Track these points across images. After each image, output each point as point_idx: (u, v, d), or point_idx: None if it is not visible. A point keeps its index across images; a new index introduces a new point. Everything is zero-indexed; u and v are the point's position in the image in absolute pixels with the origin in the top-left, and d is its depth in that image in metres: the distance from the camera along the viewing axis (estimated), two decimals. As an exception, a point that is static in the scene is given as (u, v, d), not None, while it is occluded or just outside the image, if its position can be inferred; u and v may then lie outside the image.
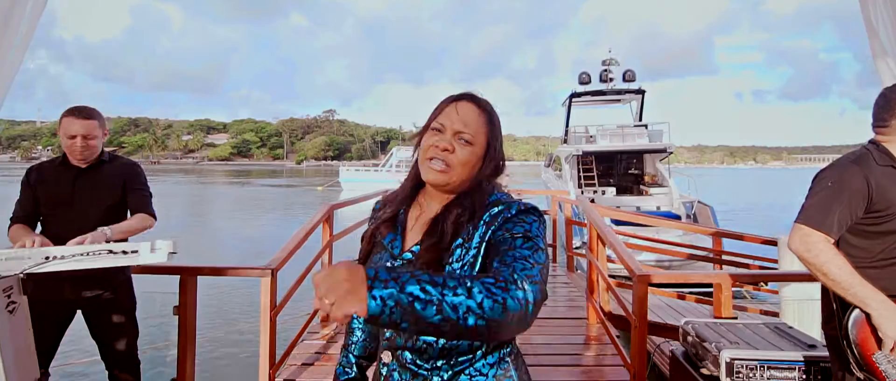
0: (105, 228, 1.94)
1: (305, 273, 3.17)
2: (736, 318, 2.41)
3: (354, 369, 1.10)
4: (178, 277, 2.52)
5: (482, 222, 0.92)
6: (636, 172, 15.88)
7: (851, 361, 1.41)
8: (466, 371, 0.91)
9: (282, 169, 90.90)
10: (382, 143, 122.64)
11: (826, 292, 1.51)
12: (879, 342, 1.37)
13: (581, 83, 17.28)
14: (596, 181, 14.94)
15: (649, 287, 2.49)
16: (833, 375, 1.54)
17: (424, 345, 0.90)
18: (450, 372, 0.90)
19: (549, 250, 5.78)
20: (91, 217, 2.05)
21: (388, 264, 0.96)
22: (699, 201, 11.93)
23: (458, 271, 0.89)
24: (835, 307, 1.46)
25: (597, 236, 3.51)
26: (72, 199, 2.08)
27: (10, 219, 2.07)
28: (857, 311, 1.40)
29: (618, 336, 3.26)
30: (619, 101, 17.96)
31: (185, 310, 2.57)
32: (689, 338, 2.12)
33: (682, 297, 4.69)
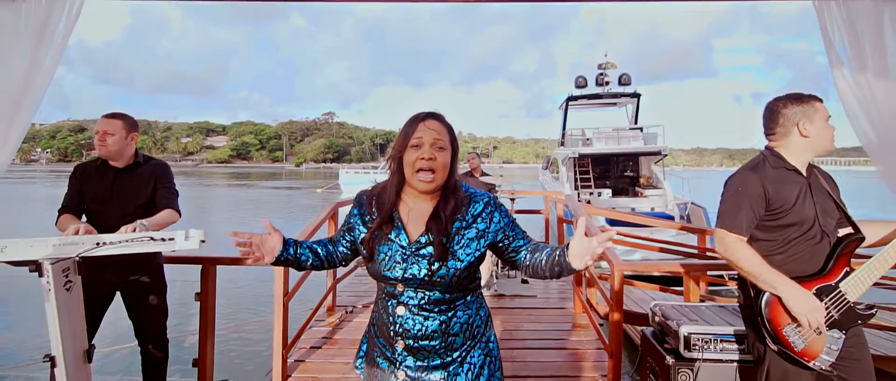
0: (143, 220, 2.21)
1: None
2: (702, 302, 2.68)
3: (295, 248, 1.40)
4: (200, 266, 2.80)
5: (470, 216, 1.29)
6: (632, 174, 16.15)
7: (766, 335, 1.70)
8: (457, 304, 1.31)
9: (281, 171, 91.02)
10: (382, 145, 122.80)
11: (742, 280, 1.79)
12: (787, 318, 1.65)
13: (577, 87, 17.59)
14: (592, 183, 15.22)
15: (647, 284, 2.75)
16: (751, 347, 1.83)
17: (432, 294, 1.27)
18: (448, 309, 1.30)
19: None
20: (128, 212, 2.33)
21: (400, 253, 1.26)
22: (693, 203, 12.19)
23: (462, 255, 1.26)
24: (752, 293, 1.73)
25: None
26: (111, 196, 2.37)
27: (59, 210, 2.36)
28: (768, 294, 1.68)
29: (601, 325, 3.53)
30: (615, 104, 18.24)
31: (206, 296, 2.84)
32: (657, 319, 2.39)
33: (678, 293, 4.95)
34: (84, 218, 2.38)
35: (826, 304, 1.64)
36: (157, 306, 2.47)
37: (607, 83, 17.16)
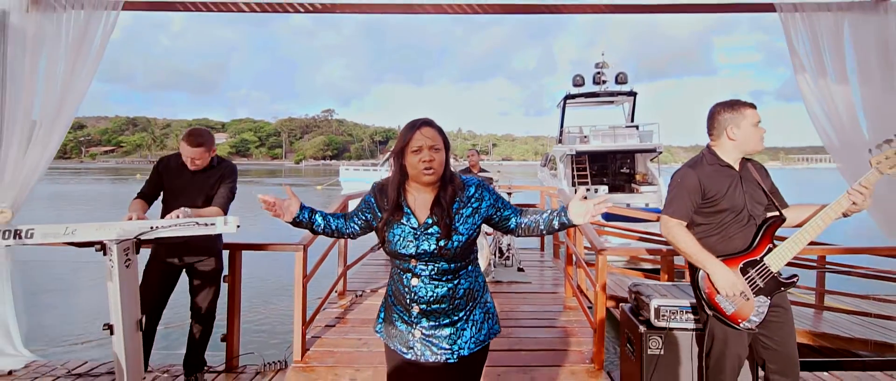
0: (186, 208, 2.54)
1: (328, 250, 3.78)
2: (676, 282, 3.02)
3: (309, 213, 1.70)
4: (228, 251, 3.13)
5: (465, 198, 1.58)
6: (628, 171, 16.48)
7: (704, 303, 2.05)
8: (460, 273, 1.60)
9: (281, 168, 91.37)
10: (381, 142, 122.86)
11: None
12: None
13: (575, 85, 17.89)
14: (589, 180, 15.56)
15: (636, 272, 3.08)
16: (699, 315, 2.18)
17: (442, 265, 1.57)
18: (454, 277, 1.59)
19: (538, 240, 6.60)
20: (197, 205, 2.67)
21: (412, 232, 1.55)
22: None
23: (463, 230, 1.55)
24: (693, 269, 2.08)
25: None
26: (185, 191, 2.70)
27: (138, 194, 2.73)
28: (702, 271, 2.03)
29: (589, 307, 3.87)
30: (612, 102, 18.52)
31: (234, 278, 3.18)
32: (634, 295, 2.72)
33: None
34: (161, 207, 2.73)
35: (752, 275, 1.98)
36: (213, 286, 2.84)
37: (604, 82, 17.46)
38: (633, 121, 17.41)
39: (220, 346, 3.19)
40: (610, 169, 16.68)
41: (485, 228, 4.99)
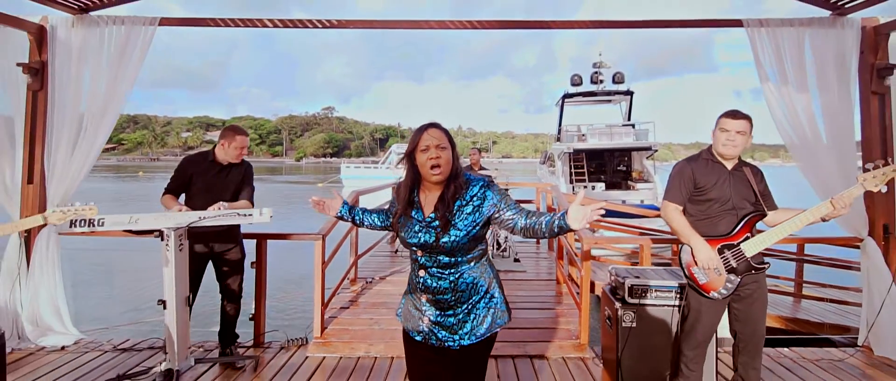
0: (222, 202, 2.94)
1: (343, 239, 4.20)
2: (651, 267, 3.42)
3: (349, 209, 2.03)
4: (255, 240, 3.54)
5: (468, 196, 1.68)
6: (625, 168, 16.86)
7: (685, 275, 2.47)
8: (462, 267, 1.71)
9: (281, 166, 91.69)
10: (381, 140, 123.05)
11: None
12: (694, 262, 2.41)
13: (573, 84, 18.25)
14: (586, 177, 15.94)
15: (624, 262, 3.48)
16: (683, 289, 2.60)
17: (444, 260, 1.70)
18: (455, 271, 1.72)
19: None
20: (226, 198, 3.06)
21: (418, 225, 1.71)
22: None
23: (461, 226, 1.65)
24: (679, 247, 2.50)
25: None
26: (214, 187, 3.07)
27: (165, 190, 3.08)
28: (686, 247, 2.44)
29: (578, 293, 4.28)
30: (609, 101, 18.88)
31: (260, 264, 3.58)
32: (613, 277, 3.13)
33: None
34: (182, 198, 3.10)
35: (727, 256, 2.38)
36: (239, 271, 3.24)
37: (601, 81, 17.82)
38: (629, 120, 17.77)
39: (249, 324, 3.60)
40: (607, 167, 17.03)
41: None
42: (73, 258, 8.04)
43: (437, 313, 1.72)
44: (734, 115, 2.44)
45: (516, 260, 5.76)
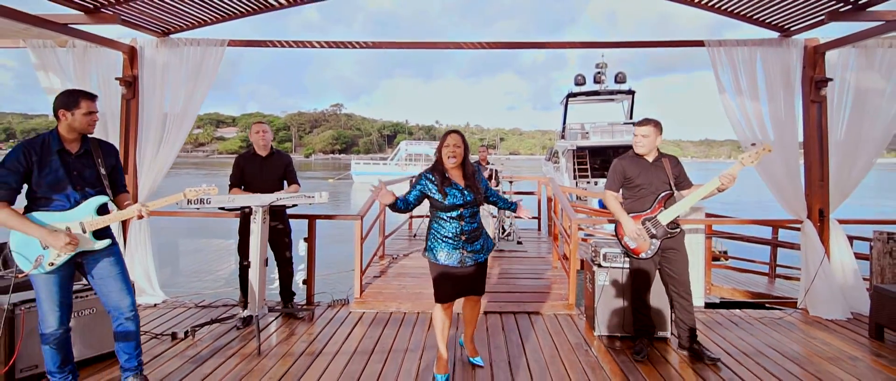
0: (288, 187, 3.81)
1: (373, 222, 5.08)
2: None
3: (401, 200, 2.84)
4: (307, 220, 4.42)
5: (478, 174, 2.89)
6: (627, 165, 17.50)
7: (620, 243, 3.31)
8: (478, 216, 2.92)
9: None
10: (389, 136, 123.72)
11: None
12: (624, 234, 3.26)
13: (576, 84, 18.98)
14: (589, 173, 16.69)
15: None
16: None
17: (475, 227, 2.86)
18: (476, 217, 2.89)
19: (534, 221, 7.95)
20: (271, 184, 3.92)
21: (459, 192, 2.79)
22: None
23: (481, 188, 2.87)
24: (615, 224, 3.35)
25: (557, 204, 5.37)
26: (260, 174, 3.94)
27: (229, 184, 3.95)
28: (617, 222, 3.28)
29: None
30: (612, 100, 19.55)
31: (311, 240, 4.46)
32: (592, 247, 3.97)
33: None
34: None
35: (648, 226, 3.21)
36: (288, 243, 4.10)
37: (603, 81, 18.53)
38: (631, 118, 18.46)
39: (303, 288, 4.47)
40: (610, 163, 17.69)
41: (491, 210, 6.28)
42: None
43: (471, 245, 2.80)
44: (640, 123, 3.28)
45: (519, 242, 6.63)
